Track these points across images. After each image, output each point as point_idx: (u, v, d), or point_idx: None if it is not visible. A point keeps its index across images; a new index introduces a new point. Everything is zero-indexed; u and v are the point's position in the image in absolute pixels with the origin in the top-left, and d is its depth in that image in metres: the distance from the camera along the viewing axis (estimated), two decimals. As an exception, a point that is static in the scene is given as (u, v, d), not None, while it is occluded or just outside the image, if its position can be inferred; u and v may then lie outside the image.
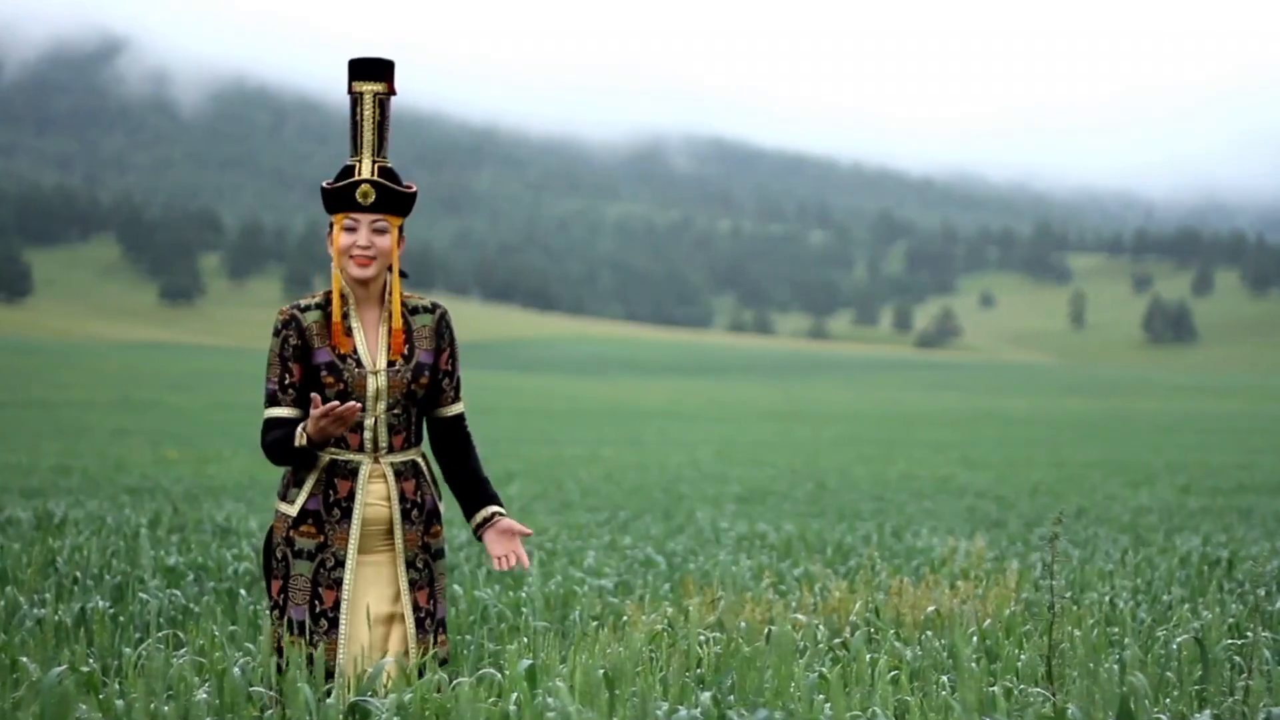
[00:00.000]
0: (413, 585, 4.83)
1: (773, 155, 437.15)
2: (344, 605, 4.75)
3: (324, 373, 4.74)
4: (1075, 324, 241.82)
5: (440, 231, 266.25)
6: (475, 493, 4.93)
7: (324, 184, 4.80)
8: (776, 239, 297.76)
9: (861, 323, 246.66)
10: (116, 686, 4.83)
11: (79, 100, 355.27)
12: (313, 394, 4.65)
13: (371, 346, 4.80)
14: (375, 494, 4.80)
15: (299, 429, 4.70)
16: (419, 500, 4.85)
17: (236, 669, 4.59)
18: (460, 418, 4.93)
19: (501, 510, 4.92)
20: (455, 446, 4.93)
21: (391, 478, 4.81)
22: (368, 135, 4.79)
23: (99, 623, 6.57)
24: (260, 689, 4.67)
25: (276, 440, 4.74)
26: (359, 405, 4.62)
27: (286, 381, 4.77)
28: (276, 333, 4.79)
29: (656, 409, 76.06)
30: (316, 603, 4.75)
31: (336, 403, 4.59)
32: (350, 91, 4.81)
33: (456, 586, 8.45)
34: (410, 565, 4.83)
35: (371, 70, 4.81)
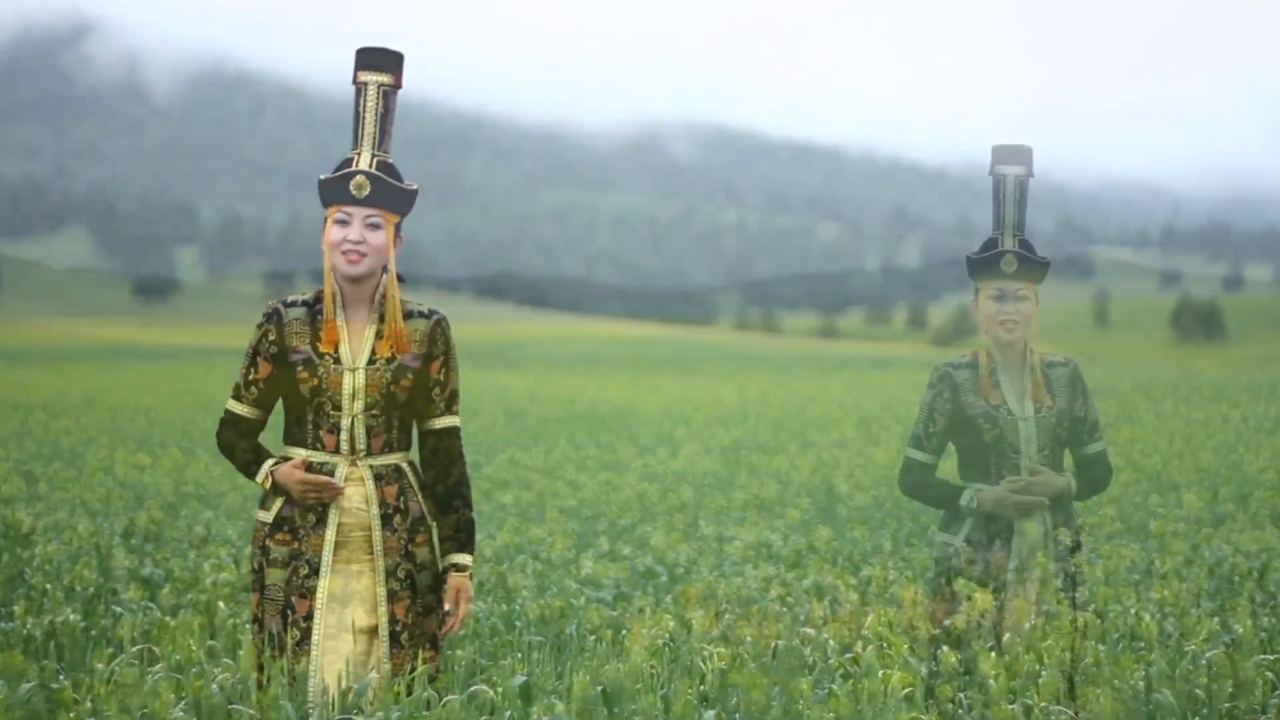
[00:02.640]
0: (391, 596, 4.78)
1: (779, 144, 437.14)
2: (317, 615, 4.73)
3: (300, 369, 4.76)
4: (1098, 322, 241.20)
5: (428, 225, 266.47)
6: (446, 531, 4.90)
7: (321, 177, 4.83)
8: (784, 233, 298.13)
9: (874, 320, 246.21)
10: (88, 704, 4.82)
11: (47, 86, 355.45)
12: (301, 459, 4.75)
13: (355, 346, 4.81)
14: (354, 497, 4.78)
15: (266, 465, 4.79)
16: (402, 506, 4.82)
17: (215, 685, 4.59)
18: (451, 432, 4.89)
19: (462, 562, 4.88)
20: (441, 464, 4.88)
21: (371, 481, 4.79)
22: (369, 127, 4.84)
23: (70, 637, 6.57)
24: (240, 706, 4.67)
25: (234, 452, 4.86)
26: (342, 489, 4.72)
27: (251, 377, 4.83)
28: (259, 325, 4.84)
29: (657, 410, 76.06)
30: (290, 612, 4.74)
31: (325, 479, 4.69)
32: (355, 81, 4.87)
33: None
34: (390, 575, 4.79)
35: (378, 60, 4.86)
